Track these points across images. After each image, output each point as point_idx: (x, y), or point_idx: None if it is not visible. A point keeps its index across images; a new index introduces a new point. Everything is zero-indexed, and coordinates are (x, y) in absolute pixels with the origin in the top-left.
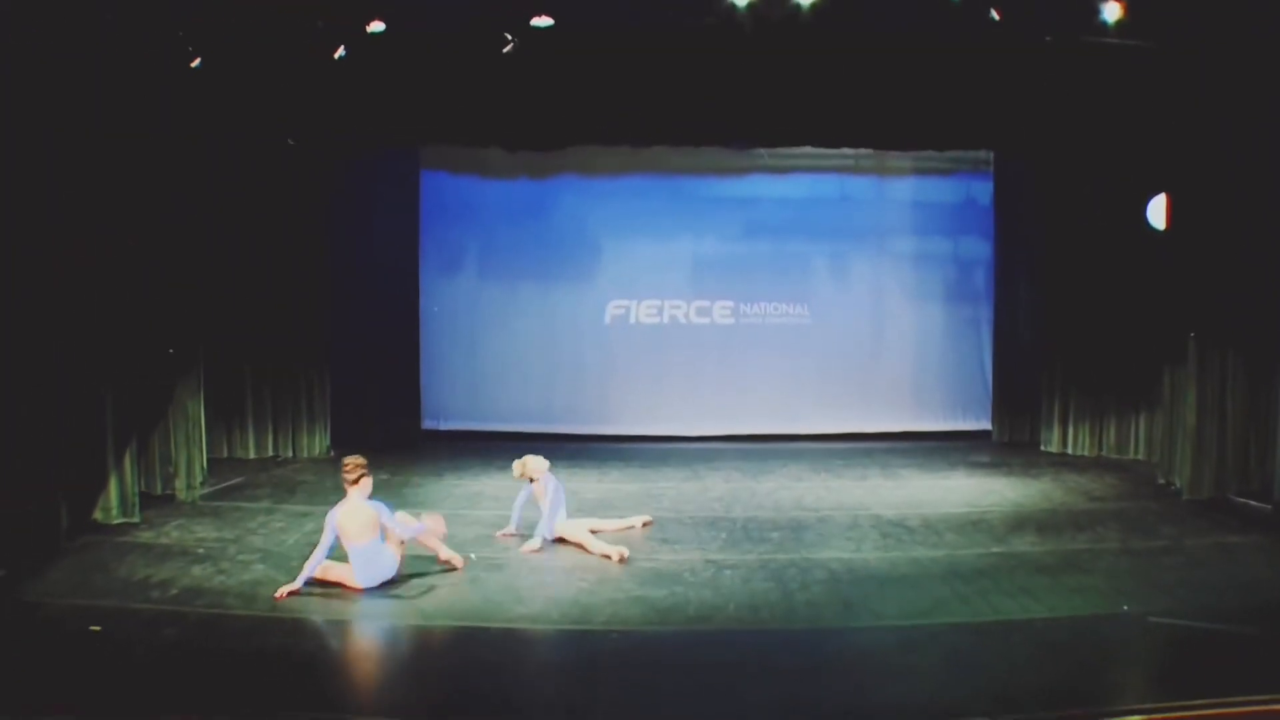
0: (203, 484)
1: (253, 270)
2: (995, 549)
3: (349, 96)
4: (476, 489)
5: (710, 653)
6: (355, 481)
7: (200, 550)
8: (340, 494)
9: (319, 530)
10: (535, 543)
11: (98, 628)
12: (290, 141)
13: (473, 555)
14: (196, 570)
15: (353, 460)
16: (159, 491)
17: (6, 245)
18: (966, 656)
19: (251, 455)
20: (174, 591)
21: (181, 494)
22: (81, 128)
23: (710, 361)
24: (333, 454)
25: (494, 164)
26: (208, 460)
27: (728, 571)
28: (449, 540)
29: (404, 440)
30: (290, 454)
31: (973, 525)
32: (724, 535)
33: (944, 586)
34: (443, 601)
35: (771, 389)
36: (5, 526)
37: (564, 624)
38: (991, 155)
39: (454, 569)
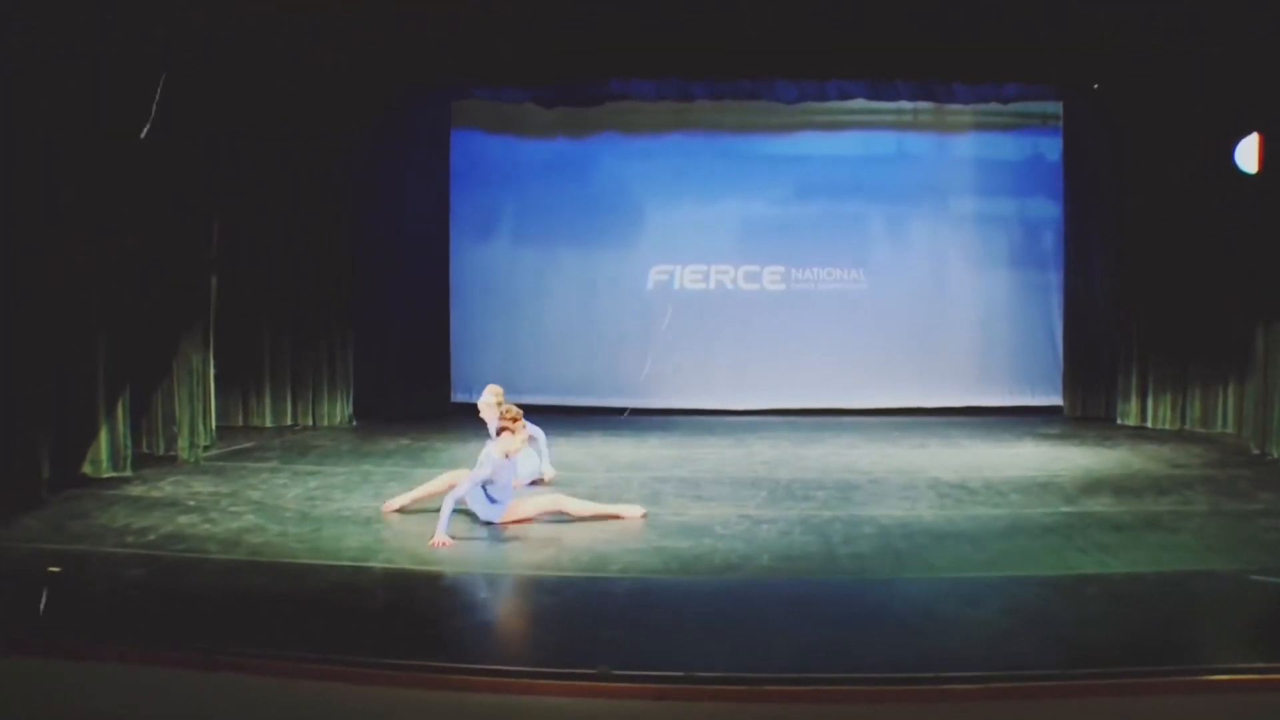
0: (209, 445)
1: (272, 230)
2: (1065, 508)
3: (375, 35)
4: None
5: (738, 601)
6: (517, 419)
7: (191, 502)
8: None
9: (323, 486)
10: (552, 471)
11: (56, 568)
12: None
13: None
14: (182, 519)
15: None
16: (161, 451)
17: None
18: (1033, 609)
19: (269, 423)
20: (151, 537)
21: (184, 454)
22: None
23: (759, 330)
24: (355, 424)
25: (529, 121)
26: (217, 425)
27: (764, 525)
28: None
29: (433, 412)
30: (310, 423)
31: (1040, 487)
32: (764, 494)
33: (1006, 542)
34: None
35: (824, 360)
36: None
37: (574, 571)
38: (1060, 107)
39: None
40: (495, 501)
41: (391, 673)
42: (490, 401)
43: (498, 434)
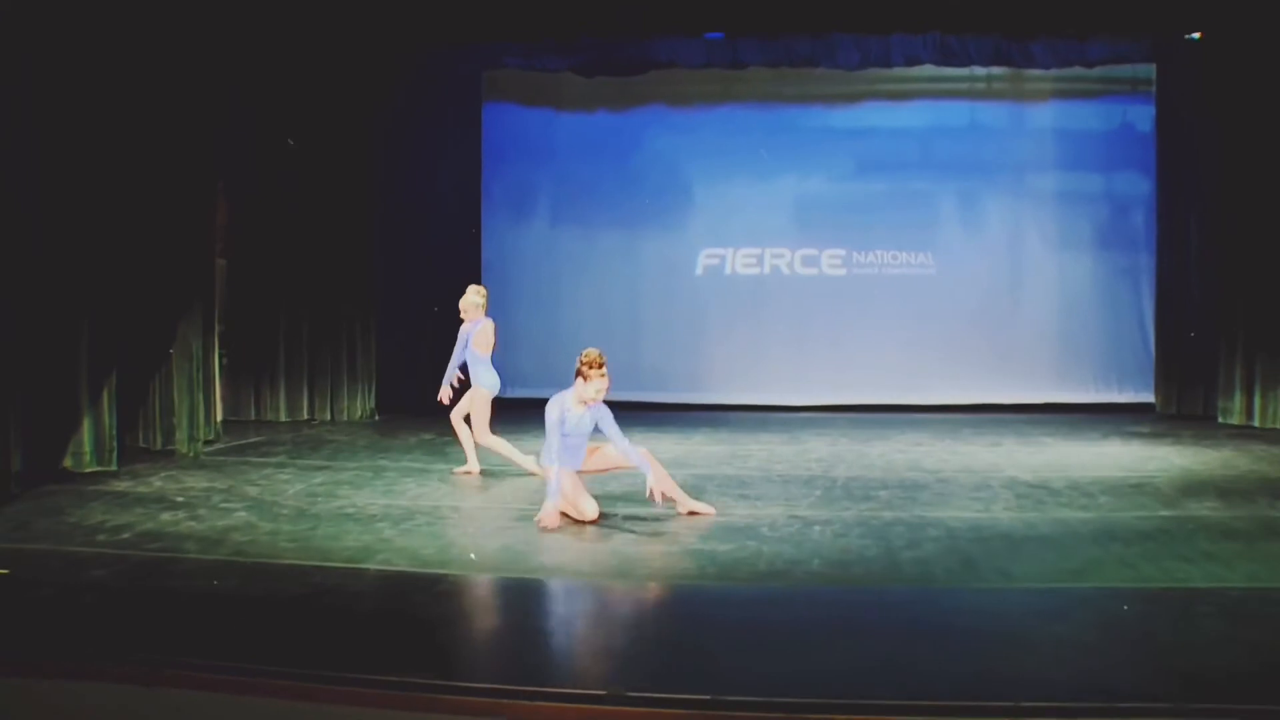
0: (212, 439)
1: (289, 210)
2: (1165, 512)
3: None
4: (534, 448)
5: (780, 612)
6: (594, 365)
7: (179, 499)
8: None
9: (329, 482)
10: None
11: (4, 570)
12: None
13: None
14: (165, 516)
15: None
16: (158, 445)
17: None
18: (1132, 628)
19: (283, 417)
20: (125, 536)
21: (183, 447)
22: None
23: (818, 319)
24: (378, 418)
25: (567, 93)
26: (224, 419)
27: (816, 527)
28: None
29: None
30: (329, 417)
31: (1133, 489)
32: (818, 493)
33: (1097, 548)
34: (450, 546)
35: (889, 352)
36: None
37: (595, 574)
38: (1153, 69)
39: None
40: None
41: (367, 690)
42: (476, 301)
43: (575, 377)
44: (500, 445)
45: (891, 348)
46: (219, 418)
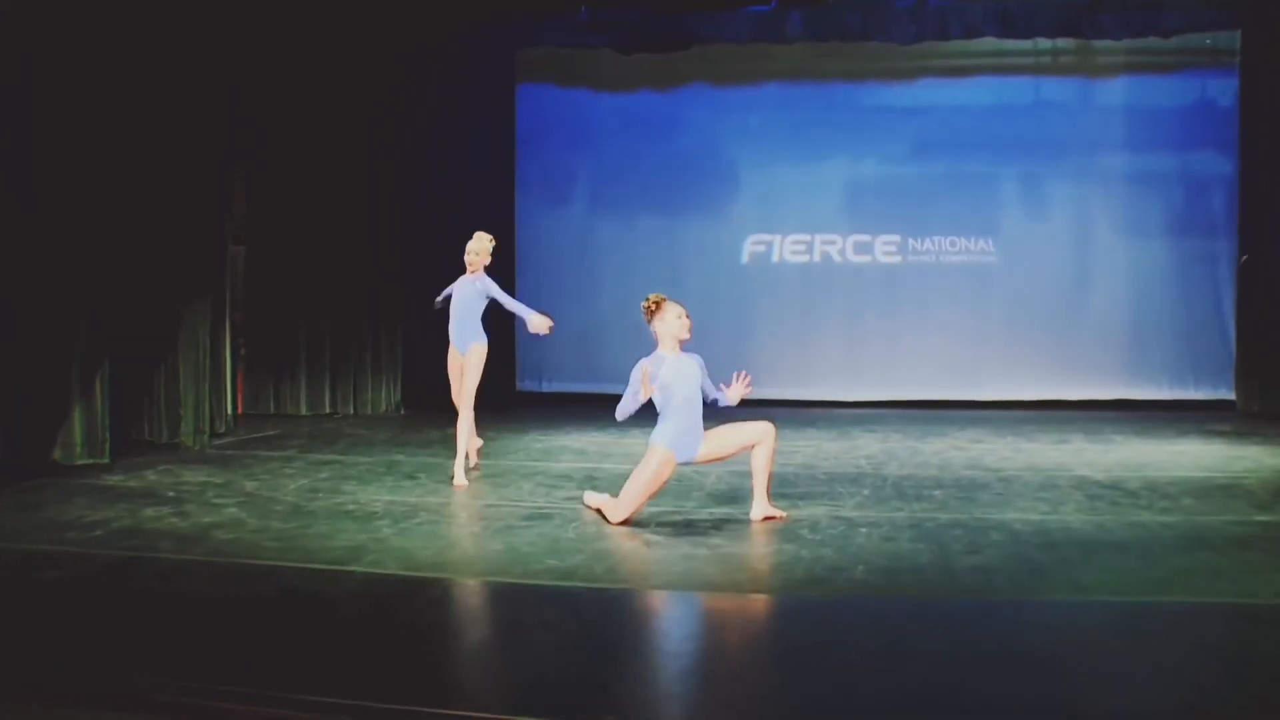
0: (224, 431)
1: (313, 195)
2: (1260, 517)
3: None
4: (561, 443)
5: (815, 625)
6: (660, 302)
7: (169, 494)
8: None
9: (335, 478)
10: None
11: None
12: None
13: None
14: (148, 512)
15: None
16: (164, 438)
17: None
18: (1232, 648)
19: (304, 411)
20: (97, 534)
21: (189, 440)
22: None
23: (870, 309)
24: (403, 412)
25: (606, 72)
26: (241, 412)
27: (863, 530)
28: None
29: (493, 402)
30: (351, 410)
31: (1221, 491)
32: (866, 491)
33: (1184, 556)
34: (450, 548)
35: (947, 344)
36: None
37: (606, 582)
38: (1236, 37)
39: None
40: (671, 426)
41: (325, 716)
42: (484, 248)
43: (651, 327)
44: (467, 424)
45: (949, 340)
46: (232, 410)
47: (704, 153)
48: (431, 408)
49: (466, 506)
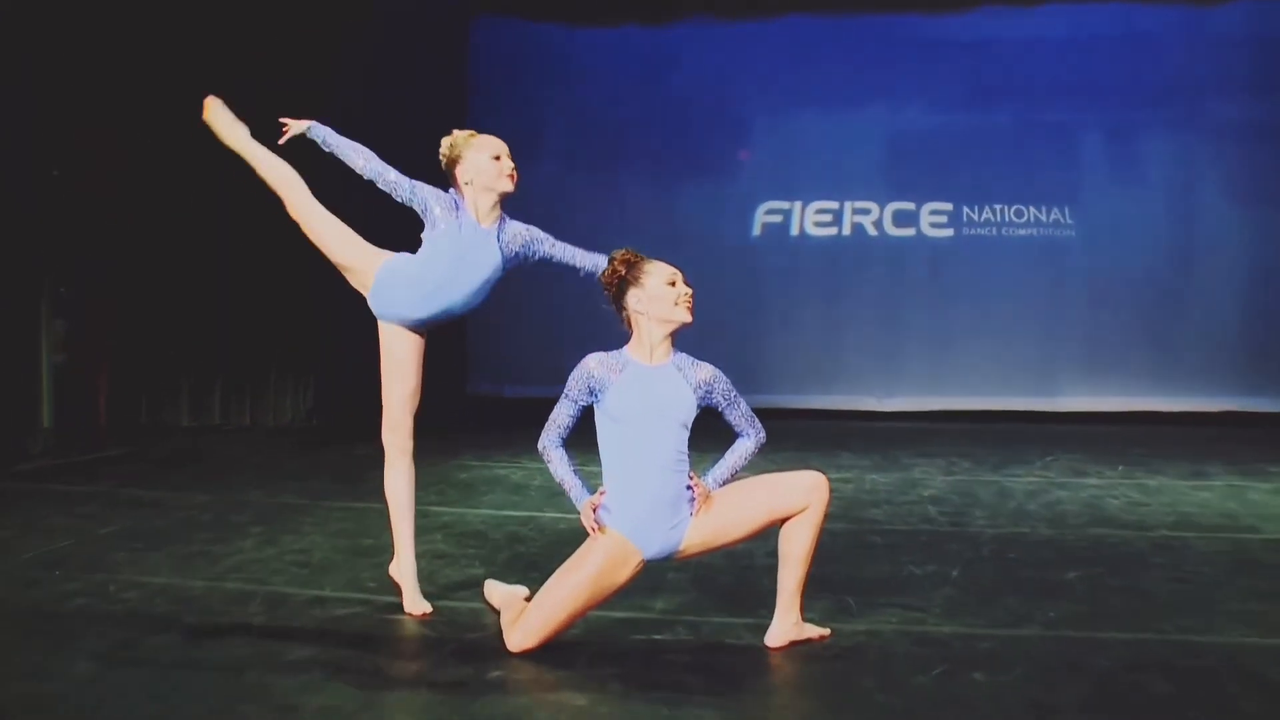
0: (33, 451)
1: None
2: None
3: None
4: (493, 474)
5: None
6: (635, 260)
7: None
8: None
9: (119, 534)
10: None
11: None
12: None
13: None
14: None
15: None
16: None
17: None
18: None
19: (184, 422)
20: None
21: None
22: None
23: (916, 295)
24: (315, 421)
25: (585, 3)
26: (51, 425)
27: (975, 674)
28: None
29: (440, 411)
30: (247, 421)
31: None
32: (955, 572)
33: None
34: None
35: (1012, 340)
36: None
37: None
38: None
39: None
40: (633, 498)
41: None
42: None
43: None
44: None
45: (1014, 336)
46: (51, 423)
47: (706, 101)
48: (354, 418)
49: (302, 595)
